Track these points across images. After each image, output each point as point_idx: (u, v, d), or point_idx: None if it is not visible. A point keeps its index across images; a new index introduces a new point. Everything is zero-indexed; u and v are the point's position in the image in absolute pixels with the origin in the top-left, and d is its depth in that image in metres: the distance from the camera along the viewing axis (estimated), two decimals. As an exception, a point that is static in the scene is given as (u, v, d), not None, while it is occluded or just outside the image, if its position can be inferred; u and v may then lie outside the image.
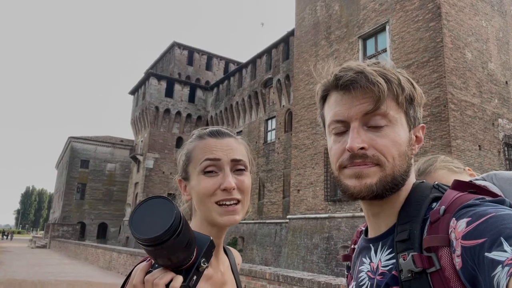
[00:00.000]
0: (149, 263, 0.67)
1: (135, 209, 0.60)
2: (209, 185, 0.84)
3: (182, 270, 0.64)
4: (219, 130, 0.93)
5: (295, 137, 19.83)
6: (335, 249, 15.39)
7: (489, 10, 15.32)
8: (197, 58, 42.84)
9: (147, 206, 0.61)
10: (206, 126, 0.97)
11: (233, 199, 0.84)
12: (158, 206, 0.60)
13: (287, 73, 25.30)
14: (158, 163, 34.82)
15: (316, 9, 19.98)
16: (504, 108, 14.63)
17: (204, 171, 0.85)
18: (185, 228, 0.60)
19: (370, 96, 0.70)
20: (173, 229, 0.57)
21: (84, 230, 43.74)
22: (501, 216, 0.55)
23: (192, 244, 0.64)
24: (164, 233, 0.57)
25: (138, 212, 0.60)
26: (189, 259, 0.64)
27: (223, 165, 0.86)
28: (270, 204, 24.52)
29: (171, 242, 0.58)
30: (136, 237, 0.58)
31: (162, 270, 0.64)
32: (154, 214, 0.59)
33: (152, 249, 0.58)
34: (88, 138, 47.04)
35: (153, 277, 0.63)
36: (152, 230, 0.57)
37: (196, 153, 0.89)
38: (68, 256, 26.48)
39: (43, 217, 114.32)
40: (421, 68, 13.46)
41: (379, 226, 0.76)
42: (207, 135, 0.91)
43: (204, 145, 0.88)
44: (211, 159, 0.85)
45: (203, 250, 0.67)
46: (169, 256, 0.61)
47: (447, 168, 1.20)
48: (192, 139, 0.93)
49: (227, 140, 0.90)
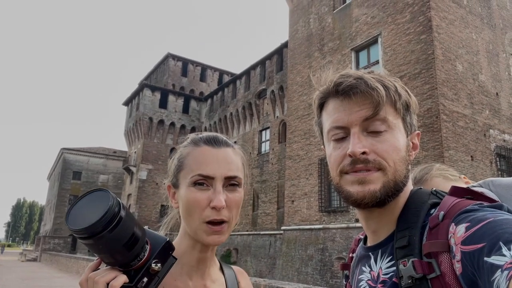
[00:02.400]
0: (97, 262, 0.65)
1: (74, 202, 0.58)
2: (198, 199, 0.79)
3: (131, 271, 0.62)
4: (216, 138, 0.86)
5: (289, 147, 19.86)
6: (330, 261, 15.30)
7: (479, 23, 15.62)
8: (191, 69, 43.01)
9: (86, 199, 0.58)
10: (202, 132, 0.91)
11: (219, 219, 0.79)
12: (96, 198, 0.58)
13: (281, 84, 25.46)
14: (152, 175, 34.61)
15: (309, 22, 20.23)
16: (495, 119, 14.82)
17: (194, 183, 0.81)
18: (125, 222, 0.57)
19: (370, 102, 0.71)
20: (106, 220, 0.55)
21: (76, 243, 43.02)
22: (499, 221, 0.55)
23: (140, 241, 0.60)
24: (96, 223, 0.54)
25: (77, 205, 0.58)
26: (139, 259, 0.61)
27: (216, 182, 0.81)
28: (264, 215, 24.40)
29: (108, 234, 0.55)
30: (70, 228, 0.56)
31: (108, 269, 0.62)
32: (91, 206, 0.57)
33: (89, 242, 0.56)
34: (80, 149, 46.74)
35: (95, 275, 0.61)
36: (85, 221, 0.55)
37: (189, 162, 0.83)
38: (59, 270, 26.01)
39: (34, 229, 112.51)
40: (413, 80, 13.62)
41: (378, 234, 0.76)
42: (203, 142, 0.85)
43: (199, 155, 0.83)
44: (204, 176, 0.80)
45: (156, 251, 0.64)
46: (110, 251, 0.58)
47: (443, 176, 1.21)
48: (186, 144, 0.88)
49: (223, 150, 0.84)
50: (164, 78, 41.94)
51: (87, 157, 46.57)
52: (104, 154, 47.61)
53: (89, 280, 0.61)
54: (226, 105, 32.43)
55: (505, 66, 16.24)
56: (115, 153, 48.31)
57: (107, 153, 47.98)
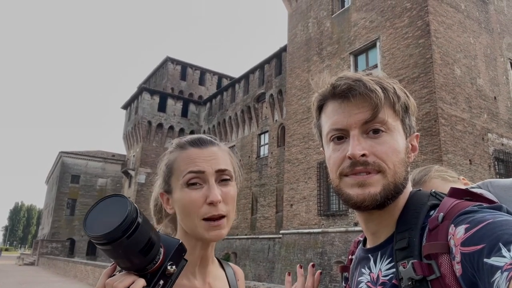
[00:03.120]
0: (112, 267, 0.65)
1: (91, 208, 0.59)
2: (194, 198, 0.80)
3: (147, 274, 0.62)
4: (201, 138, 0.88)
5: (288, 151, 19.86)
6: (328, 265, 15.26)
7: (477, 27, 15.70)
8: (190, 73, 43.06)
9: (103, 205, 0.59)
10: (185, 136, 0.92)
11: (218, 215, 0.80)
12: (113, 204, 0.58)
13: (279, 88, 25.50)
14: (150, 178, 34.46)
15: (308, 26, 20.30)
16: (493, 123, 14.86)
17: (187, 183, 0.82)
18: (142, 228, 0.58)
19: (369, 104, 0.71)
20: (125, 226, 0.55)
21: (74, 247, 42.91)
22: (499, 222, 0.55)
23: (155, 246, 0.61)
24: (115, 230, 0.54)
25: (94, 211, 0.58)
26: (154, 262, 0.62)
27: (207, 177, 0.82)
28: (263, 219, 24.35)
29: (126, 240, 0.56)
30: (88, 235, 0.56)
31: (125, 274, 0.62)
32: (108, 212, 0.57)
33: (107, 248, 0.56)
34: (79, 152, 46.60)
35: (113, 281, 0.61)
36: (104, 227, 0.55)
37: (178, 165, 0.84)
38: (57, 274, 25.89)
39: (31, 233, 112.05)
40: (412, 84, 13.66)
41: (377, 236, 0.76)
42: (188, 144, 0.87)
43: (186, 156, 0.84)
44: (195, 172, 0.81)
45: (171, 253, 0.64)
46: (127, 257, 0.58)
47: (442, 177, 1.21)
48: (172, 149, 0.89)
49: (209, 149, 0.86)
50: (163, 81, 41.97)
51: (86, 161, 46.44)
52: (102, 157, 47.49)
53: (107, 286, 0.61)
54: (225, 109, 32.45)
55: (503, 71, 16.31)
56: (113, 156, 48.19)
57: (105, 156, 47.86)
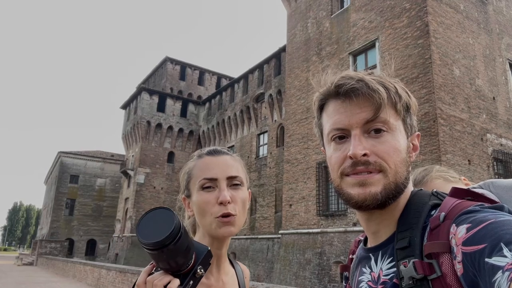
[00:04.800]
0: (151, 266, 0.74)
1: (141, 217, 0.68)
2: (208, 199, 0.93)
3: (180, 275, 0.72)
4: (216, 149, 1.02)
5: (287, 151, 19.87)
6: (327, 265, 15.26)
7: (476, 28, 15.72)
8: (189, 73, 43.04)
9: (151, 215, 0.69)
10: (205, 148, 1.06)
11: (227, 213, 0.92)
12: (161, 215, 0.68)
13: (278, 88, 25.50)
14: (149, 178, 34.50)
15: (307, 26, 20.31)
16: (492, 123, 14.88)
17: (202, 187, 0.94)
18: (184, 235, 0.68)
19: (371, 104, 0.71)
20: (173, 235, 0.65)
21: (73, 247, 42.86)
22: (501, 222, 0.55)
23: (190, 251, 0.71)
24: (165, 238, 0.64)
25: (144, 220, 0.68)
26: (187, 265, 0.72)
27: (219, 182, 0.95)
28: (262, 219, 24.35)
29: (172, 247, 0.66)
30: (141, 242, 0.66)
31: (163, 273, 0.71)
32: (157, 222, 0.67)
33: (155, 252, 0.66)
34: (78, 152, 46.54)
35: (153, 279, 0.70)
36: (155, 235, 0.65)
37: (195, 171, 0.98)
38: (55, 274, 25.85)
39: (30, 233, 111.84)
40: (411, 84, 13.68)
41: (378, 235, 0.76)
42: (205, 154, 1.01)
43: (202, 164, 0.98)
44: (208, 178, 0.94)
45: (201, 258, 0.74)
46: (168, 260, 0.68)
47: (443, 177, 1.21)
48: (193, 159, 1.03)
49: (223, 157, 0.99)
50: (162, 81, 41.95)
51: (85, 161, 46.37)
52: (101, 157, 47.43)
53: (148, 283, 0.71)
54: (224, 109, 32.44)
55: (502, 71, 16.33)
56: (112, 156, 48.14)
57: (104, 156, 47.80)
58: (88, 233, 44.35)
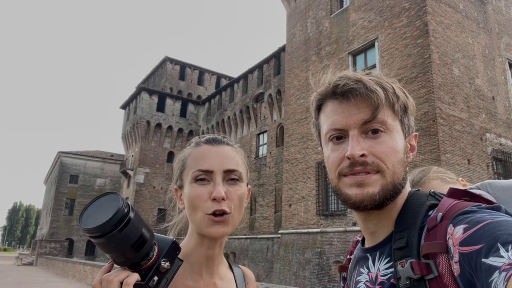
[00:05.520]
0: (110, 265, 0.69)
1: (87, 204, 0.63)
2: (200, 193, 0.82)
3: (142, 270, 0.66)
4: (215, 138, 0.91)
5: (287, 151, 19.87)
6: (327, 264, 15.27)
7: (475, 27, 15.72)
8: (189, 73, 43.03)
9: (98, 202, 0.63)
10: (204, 135, 0.95)
11: (221, 210, 0.81)
12: (107, 201, 0.62)
13: (278, 88, 25.51)
14: (149, 178, 34.50)
15: (306, 26, 20.31)
16: (491, 123, 14.89)
17: (196, 179, 0.84)
18: (133, 223, 0.61)
19: (368, 105, 0.71)
20: (115, 220, 0.59)
21: (72, 247, 42.84)
22: (497, 223, 0.55)
23: (147, 242, 0.64)
24: (106, 222, 0.58)
25: (89, 207, 0.63)
26: (148, 259, 0.65)
27: (215, 175, 0.84)
28: (261, 219, 24.36)
29: (117, 234, 0.59)
30: (82, 228, 0.60)
31: (120, 269, 0.66)
32: (102, 208, 0.61)
33: (100, 241, 0.60)
34: (78, 152, 46.52)
35: (108, 276, 0.65)
36: (96, 221, 0.59)
37: (190, 161, 0.87)
38: (55, 274, 25.85)
39: (30, 233, 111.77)
40: (410, 84, 13.68)
41: (376, 235, 0.76)
42: (203, 142, 0.90)
43: (199, 153, 0.87)
44: (203, 170, 0.84)
45: (164, 251, 0.68)
46: (120, 251, 0.62)
47: (441, 178, 1.21)
48: (189, 146, 0.93)
49: (222, 147, 0.88)
50: (161, 81, 41.94)
51: (84, 161, 46.36)
52: (101, 157, 47.42)
53: (103, 280, 0.65)
54: (224, 109, 32.45)
55: (501, 70, 16.34)
56: (112, 156, 48.13)
57: (104, 156, 47.79)
58: (88, 233, 44.33)
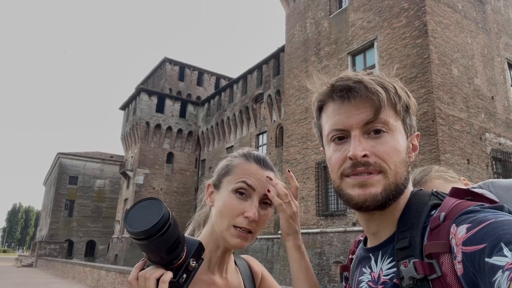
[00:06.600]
0: (143, 262, 0.74)
1: (130, 207, 0.67)
2: (235, 206, 0.89)
3: (173, 268, 0.71)
4: (265, 160, 0.99)
5: (286, 152, 19.87)
6: (327, 265, 15.26)
7: (474, 27, 15.74)
8: (188, 73, 43.01)
9: (141, 205, 0.67)
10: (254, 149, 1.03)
11: (249, 229, 0.89)
12: (150, 205, 0.67)
13: (277, 88, 25.51)
14: (148, 179, 34.46)
15: (306, 26, 20.32)
16: (491, 122, 14.90)
17: (236, 190, 0.91)
18: (172, 227, 0.67)
19: (370, 105, 0.71)
20: (160, 225, 0.64)
21: (72, 248, 42.80)
22: (501, 222, 0.55)
23: (180, 244, 0.70)
24: (153, 227, 0.63)
25: (133, 210, 0.67)
26: (179, 258, 0.71)
27: (254, 195, 0.91)
28: (261, 219, 24.34)
29: (159, 237, 0.64)
30: (128, 231, 0.65)
31: (155, 267, 0.70)
32: (145, 212, 0.66)
33: (143, 243, 0.65)
34: (77, 154, 46.48)
35: (145, 273, 0.69)
36: (142, 225, 0.64)
37: (237, 170, 0.94)
38: (55, 275, 25.82)
39: (29, 235, 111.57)
40: (409, 84, 13.69)
41: (378, 235, 0.76)
42: (253, 159, 0.97)
43: (248, 168, 0.94)
44: (248, 184, 0.91)
45: (193, 251, 0.73)
46: (159, 251, 0.67)
47: (442, 177, 1.21)
48: (238, 155, 0.99)
49: (267, 172, 0.96)
50: (161, 82, 41.92)
51: (84, 162, 46.32)
52: (100, 158, 47.38)
53: (140, 277, 0.70)
54: (223, 109, 32.44)
55: (500, 70, 16.36)
56: (111, 157, 48.09)
57: (103, 157, 47.75)
58: (88, 234, 44.28)
